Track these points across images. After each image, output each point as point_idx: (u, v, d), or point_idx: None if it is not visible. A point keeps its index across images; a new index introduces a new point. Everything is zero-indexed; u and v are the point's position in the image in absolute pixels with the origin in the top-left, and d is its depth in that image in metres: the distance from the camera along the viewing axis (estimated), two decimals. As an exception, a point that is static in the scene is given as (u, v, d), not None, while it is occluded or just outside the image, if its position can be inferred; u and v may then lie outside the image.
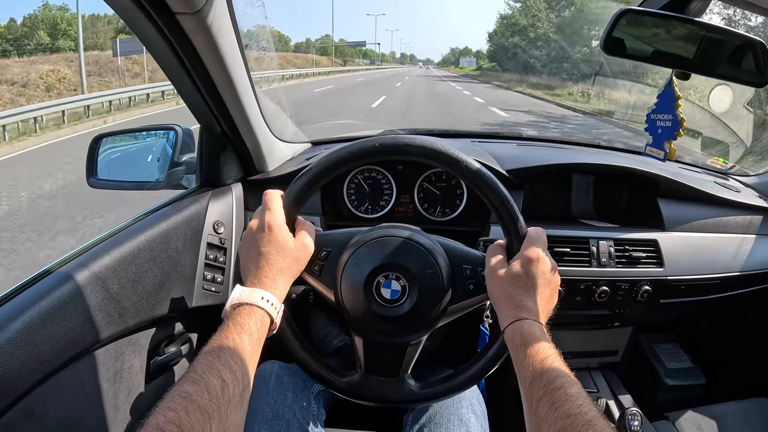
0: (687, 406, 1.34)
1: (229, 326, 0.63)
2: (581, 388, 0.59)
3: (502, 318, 0.72)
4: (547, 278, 0.74)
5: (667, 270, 1.22)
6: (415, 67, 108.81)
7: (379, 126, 2.91)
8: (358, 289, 0.78)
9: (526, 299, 0.71)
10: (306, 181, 0.77)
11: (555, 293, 0.76)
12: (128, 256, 0.88)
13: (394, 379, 0.83)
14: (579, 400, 0.56)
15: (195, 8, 0.76)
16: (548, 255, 0.76)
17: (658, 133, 0.92)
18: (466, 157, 0.77)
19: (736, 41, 0.85)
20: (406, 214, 1.29)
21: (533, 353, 0.64)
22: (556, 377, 0.60)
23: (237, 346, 0.61)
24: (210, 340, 0.61)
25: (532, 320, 0.69)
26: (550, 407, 0.57)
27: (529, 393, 0.62)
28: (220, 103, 0.99)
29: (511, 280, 0.73)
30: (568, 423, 0.54)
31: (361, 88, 21.67)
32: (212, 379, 0.55)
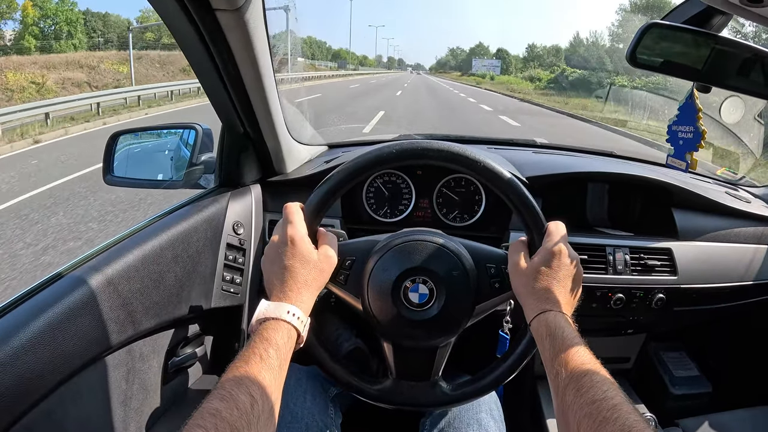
0: (696, 413, 1.35)
1: (256, 341, 0.63)
2: (607, 375, 0.59)
3: (527, 312, 0.73)
4: (569, 270, 0.74)
5: (680, 278, 1.23)
6: (404, 72, 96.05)
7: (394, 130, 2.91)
8: (386, 295, 0.78)
9: (549, 292, 0.72)
10: (326, 191, 0.77)
11: (578, 285, 0.76)
12: (151, 255, 0.88)
13: (426, 382, 0.83)
14: (604, 386, 0.57)
15: (236, 5, 0.76)
16: (569, 248, 0.76)
17: (680, 144, 0.93)
18: (484, 158, 0.77)
19: (750, 54, 0.86)
20: (424, 218, 1.29)
21: (558, 343, 0.65)
22: (581, 364, 0.61)
23: (264, 362, 0.60)
24: (237, 355, 0.61)
25: (557, 311, 0.70)
26: (575, 394, 0.57)
27: (555, 382, 0.62)
28: (247, 103, 0.99)
29: (534, 274, 0.74)
30: (593, 408, 0.54)
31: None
32: (241, 395, 0.54)
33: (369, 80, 37.64)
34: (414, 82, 41.24)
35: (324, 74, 35.47)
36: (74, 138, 9.75)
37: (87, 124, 10.89)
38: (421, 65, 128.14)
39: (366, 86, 27.44)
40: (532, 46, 73.98)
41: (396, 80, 41.63)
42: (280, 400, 0.62)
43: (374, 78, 45.12)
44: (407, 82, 38.83)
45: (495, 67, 67.31)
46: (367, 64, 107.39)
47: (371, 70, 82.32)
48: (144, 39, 30.83)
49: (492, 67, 67.41)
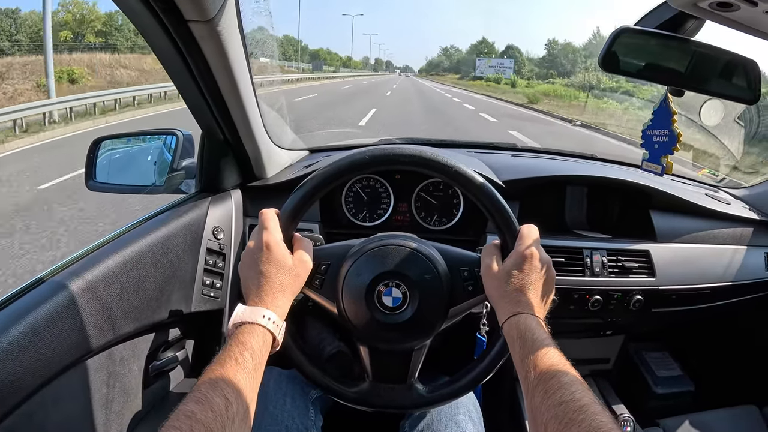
0: (677, 414, 1.37)
1: (232, 345, 0.64)
2: (577, 377, 0.60)
3: (499, 315, 0.74)
4: (541, 273, 0.75)
5: (658, 280, 1.24)
6: (392, 75, 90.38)
7: (376, 135, 2.85)
8: (360, 299, 0.79)
9: (522, 295, 0.73)
10: (300, 197, 0.78)
11: (551, 287, 0.77)
12: (131, 260, 0.88)
13: (403, 385, 0.85)
14: (572, 388, 0.57)
15: (207, 16, 0.77)
16: (542, 251, 0.77)
17: (655, 148, 0.94)
18: (456, 163, 0.78)
19: (727, 59, 0.87)
20: (403, 222, 1.30)
21: (528, 345, 0.66)
22: (550, 366, 0.62)
23: (240, 365, 0.62)
24: (213, 359, 0.62)
25: (528, 314, 0.71)
26: (543, 395, 0.58)
27: (525, 384, 0.63)
28: (224, 109, 0.99)
29: (506, 277, 0.74)
30: (560, 410, 0.55)
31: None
32: (216, 398, 0.56)
33: (340, 86, 30.18)
34: (402, 87, 34.37)
35: (281, 78, 25.71)
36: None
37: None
38: (410, 67, 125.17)
39: (332, 97, 19.92)
40: (553, 43, 64.14)
41: (378, 85, 34.13)
42: (255, 402, 0.63)
43: (350, 83, 36.65)
44: (391, 88, 30.95)
45: (506, 68, 57.29)
46: (352, 65, 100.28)
47: (355, 72, 74.71)
48: (58, 38, 27.07)
49: (501, 68, 57.59)
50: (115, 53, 24.98)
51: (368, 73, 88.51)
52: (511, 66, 57.56)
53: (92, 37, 28.97)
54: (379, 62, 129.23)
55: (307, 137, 1.63)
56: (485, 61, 62.01)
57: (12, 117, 9.76)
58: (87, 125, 11.06)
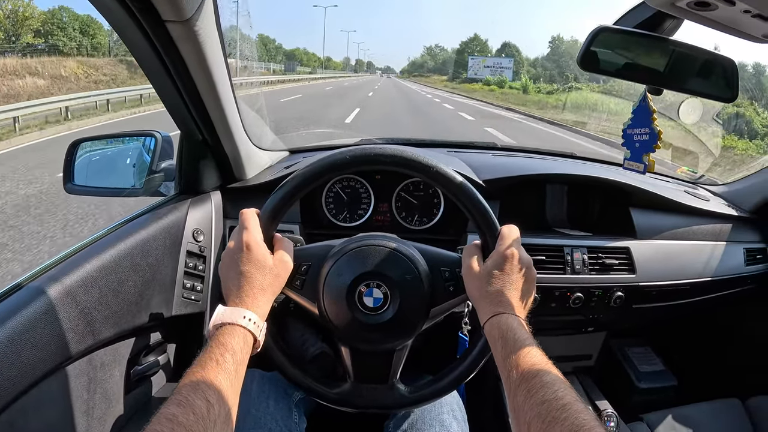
0: (660, 408, 1.38)
1: (212, 346, 0.64)
2: (558, 376, 0.60)
3: (481, 315, 0.74)
4: (522, 273, 0.76)
5: (639, 276, 1.26)
6: (373, 76, 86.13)
7: (357, 135, 2.82)
8: (341, 300, 0.79)
9: (502, 295, 0.73)
10: (280, 197, 0.78)
11: (531, 287, 0.77)
12: (109, 264, 0.87)
13: (385, 385, 0.84)
14: (555, 386, 0.58)
15: (185, 17, 0.76)
16: (522, 250, 0.78)
17: (636, 147, 0.95)
18: (437, 163, 0.79)
19: (705, 58, 0.88)
20: (383, 222, 1.30)
21: (510, 345, 0.66)
22: (532, 366, 0.62)
23: (221, 366, 0.61)
24: (194, 361, 0.62)
25: (509, 314, 0.71)
26: (526, 395, 0.59)
27: (507, 383, 0.63)
28: (203, 110, 0.98)
29: (487, 277, 0.75)
30: (543, 408, 0.55)
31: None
32: (197, 400, 0.55)
33: (323, 87, 28.36)
34: (383, 89, 31.62)
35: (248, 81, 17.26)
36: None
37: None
38: (391, 68, 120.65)
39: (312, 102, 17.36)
40: (557, 40, 56.61)
41: (358, 88, 30.50)
42: (237, 404, 0.62)
43: (330, 84, 34.92)
44: (373, 89, 30.08)
45: (504, 68, 47.54)
46: (332, 66, 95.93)
47: (334, 74, 69.50)
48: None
49: (499, 68, 47.98)
50: (57, 55, 22.30)
51: (348, 74, 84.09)
52: (510, 66, 48.23)
53: (30, 37, 25.08)
54: (360, 63, 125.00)
55: (287, 138, 1.62)
56: (479, 61, 51.49)
57: None
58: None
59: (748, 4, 0.56)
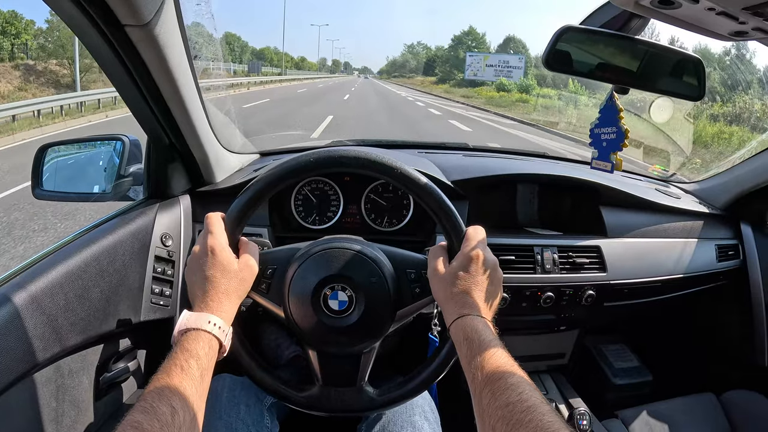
0: (636, 404, 1.40)
1: (177, 352, 0.64)
2: (524, 377, 0.60)
3: (446, 316, 0.74)
4: (487, 274, 0.76)
5: (610, 275, 1.27)
6: (350, 76, 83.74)
7: (329, 137, 2.71)
8: (306, 303, 0.79)
9: (468, 296, 0.73)
10: (245, 201, 0.78)
11: (498, 288, 0.77)
12: (76, 270, 0.86)
13: (353, 388, 0.84)
14: (519, 388, 0.58)
15: (143, 21, 0.75)
16: (488, 251, 0.78)
17: (603, 146, 0.96)
18: (400, 164, 0.79)
19: (676, 58, 0.89)
20: (353, 224, 1.30)
21: (475, 347, 0.66)
22: (497, 368, 0.62)
23: (185, 372, 0.61)
24: (159, 367, 0.62)
25: (475, 315, 0.71)
26: (491, 397, 0.58)
27: (473, 385, 0.63)
28: (168, 114, 0.98)
29: (452, 279, 0.75)
30: (507, 411, 0.55)
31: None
32: (162, 406, 0.55)
33: (273, 94, 21.23)
34: (360, 92, 28.10)
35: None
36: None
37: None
38: (369, 68, 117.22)
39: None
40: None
41: (330, 92, 26.26)
42: (203, 410, 0.62)
43: (304, 87, 31.53)
44: (350, 91, 27.72)
45: (513, 68, 37.21)
46: (306, 66, 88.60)
47: (308, 75, 63.92)
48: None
49: (506, 68, 37.40)
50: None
51: (324, 75, 78.75)
52: (521, 65, 37.57)
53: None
54: (336, 63, 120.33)
55: (258, 140, 1.61)
56: (479, 59, 40.04)
57: None
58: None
59: (712, 2, 0.56)
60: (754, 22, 0.60)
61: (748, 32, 0.65)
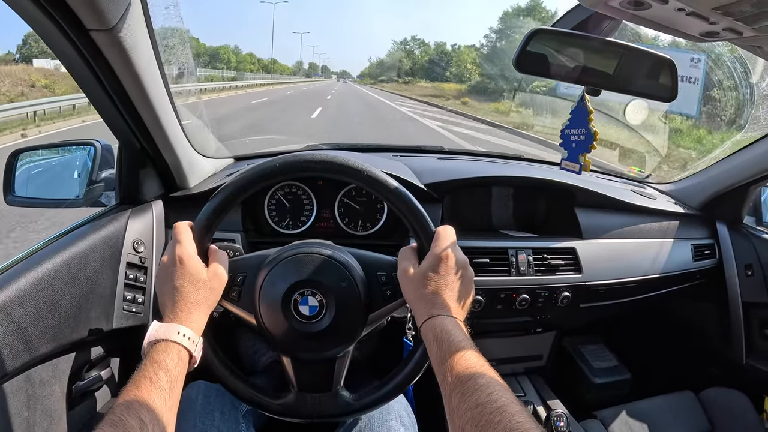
0: (616, 404, 1.41)
1: (146, 364, 0.63)
2: (494, 378, 0.60)
3: (417, 317, 0.74)
4: (458, 273, 0.76)
5: (585, 276, 1.27)
6: (328, 81, 73.56)
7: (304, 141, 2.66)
8: (276, 309, 0.78)
9: (438, 297, 0.73)
10: (212, 209, 0.78)
11: (469, 288, 0.77)
12: (45, 277, 0.85)
13: (328, 393, 0.84)
14: (489, 389, 0.57)
15: (108, 25, 0.75)
16: (458, 251, 0.78)
17: (573, 147, 0.96)
18: (368, 167, 0.79)
19: (651, 60, 0.90)
20: (327, 229, 1.29)
21: (445, 347, 0.66)
22: (466, 368, 0.62)
23: (154, 384, 0.61)
24: (129, 379, 0.61)
25: (445, 316, 0.71)
26: (460, 398, 0.58)
27: (443, 386, 0.63)
28: (138, 119, 0.97)
29: (422, 279, 0.75)
30: (476, 412, 0.55)
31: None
32: (131, 419, 0.55)
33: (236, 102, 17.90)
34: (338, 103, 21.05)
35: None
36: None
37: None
38: (347, 72, 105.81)
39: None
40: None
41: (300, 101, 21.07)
42: (173, 422, 0.62)
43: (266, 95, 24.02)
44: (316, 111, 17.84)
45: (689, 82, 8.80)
46: (278, 70, 75.95)
47: (277, 79, 54.70)
48: None
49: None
50: None
51: (299, 79, 70.46)
52: (699, 76, 9.12)
53: None
54: (313, 67, 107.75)
55: (231, 145, 1.59)
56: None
57: None
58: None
59: (681, 2, 0.56)
60: (725, 22, 0.60)
61: (719, 33, 0.64)
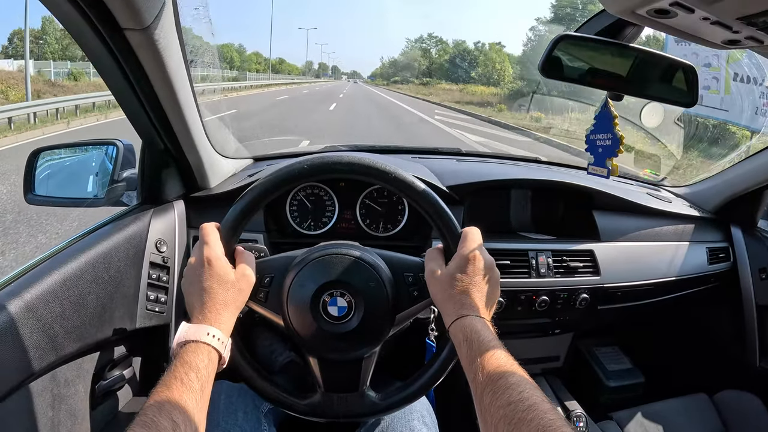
0: (630, 406, 1.41)
1: (177, 365, 0.63)
2: (524, 377, 0.61)
3: (445, 318, 0.74)
4: (485, 274, 0.76)
5: (603, 278, 1.28)
6: (338, 81, 73.59)
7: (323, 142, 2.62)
8: (305, 310, 0.79)
9: (466, 297, 0.73)
10: (240, 210, 0.78)
11: (495, 288, 0.77)
12: (71, 277, 0.85)
13: (355, 393, 0.84)
14: (520, 387, 0.58)
15: (143, 25, 0.75)
16: (485, 252, 0.78)
17: (599, 152, 0.96)
18: (395, 169, 0.79)
19: (667, 63, 0.90)
20: (348, 230, 1.30)
21: (476, 347, 0.66)
22: (497, 367, 0.62)
23: (185, 386, 0.61)
24: (159, 380, 0.61)
25: (474, 316, 0.71)
26: (492, 396, 0.59)
27: (474, 385, 0.64)
28: (164, 119, 0.97)
29: (450, 280, 0.75)
30: (509, 410, 0.56)
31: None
32: (163, 421, 0.55)
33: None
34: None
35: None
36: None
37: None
38: (358, 73, 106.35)
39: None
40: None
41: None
42: (204, 423, 0.62)
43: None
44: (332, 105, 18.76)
45: None
46: (285, 70, 74.11)
47: (282, 79, 51.26)
48: None
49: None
50: None
51: (308, 79, 68.27)
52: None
53: None
54: (323, 67, 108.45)
55: (250, 146, 1.60)
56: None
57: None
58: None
59: (707, 12, 0.56)
60: (747, 31, 0.61)
61: (741, 41, 0.65)
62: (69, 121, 11.32)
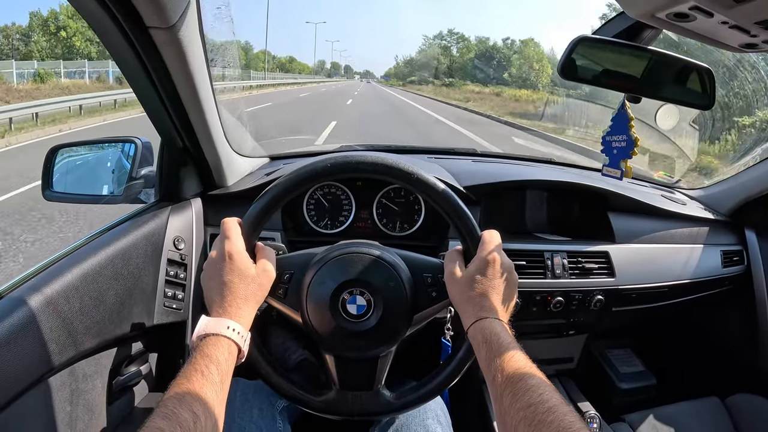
0: (642, 408, 1.40)
1: (197, 357, 0.64)
2: (543, 379, 0.61)
3: (464, 319, 0.75)
4: (504, 277, 0.76)
5: (618, 280, 1.28)
6: (351, 81, 72.70)
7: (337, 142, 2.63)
8: (324, 308, 0.79)
9: (485, 299, 0.74)
10: (262, 207, 0.78)
11: (513, 291, 0.78)
12: (91, 273, 0.86)
13: (370, 392, 0.84)
14: (540, 389, 0.58)
15: (169, 23, 0.76)
16: (504, 255, 0.78)
17: (614, 153, 0.96)
18: (417, 170, 0.79)
19: (682, 66, 0.90)
20: (365, 229, 1.30)
21: (495, 349, 0.66)
22: (517, 369, 0.62)
23: (206, 378, 0.61)
24: (179, 372, 0.61)
25: (493, 318, 0.71)
26: (512, 398, 0.59)
27: (493, 387, 0.64)
28: (184, 117, 0.98)
29: (469, 282, 0.75)
30: (529, 412, 0.56)
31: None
32: (184, 412, 0.55)
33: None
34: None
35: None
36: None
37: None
38: (371, 72, 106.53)
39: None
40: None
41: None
42: (223, 415, 0.62)
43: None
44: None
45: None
46: (295, 69, 71.09)
47: (290, 79, 47.94)
48: None
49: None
50: None
51: (319, 79, 65.39)
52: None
53: None
54: (336, 66, 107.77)
55: (267, 144, 1.60)
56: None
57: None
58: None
59: (725, 16, 0.57)
60: (765, 35, 0.61)
61: (758, 45, 0.66)
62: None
